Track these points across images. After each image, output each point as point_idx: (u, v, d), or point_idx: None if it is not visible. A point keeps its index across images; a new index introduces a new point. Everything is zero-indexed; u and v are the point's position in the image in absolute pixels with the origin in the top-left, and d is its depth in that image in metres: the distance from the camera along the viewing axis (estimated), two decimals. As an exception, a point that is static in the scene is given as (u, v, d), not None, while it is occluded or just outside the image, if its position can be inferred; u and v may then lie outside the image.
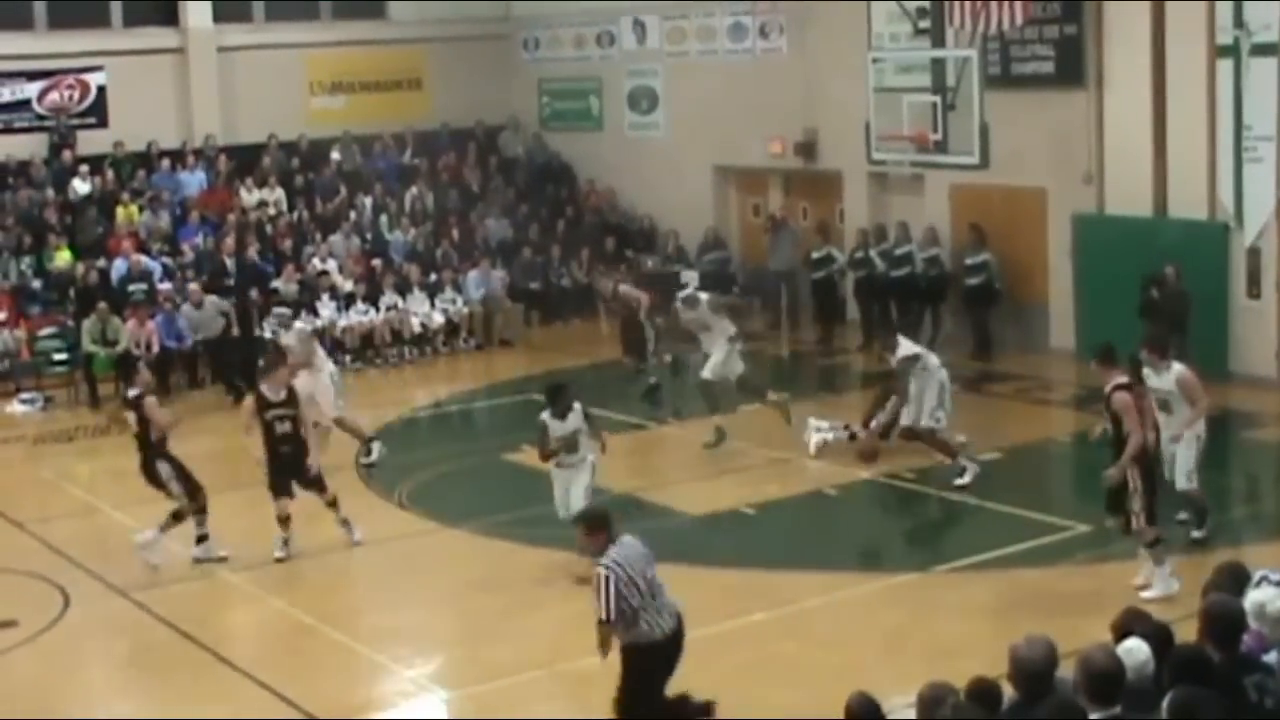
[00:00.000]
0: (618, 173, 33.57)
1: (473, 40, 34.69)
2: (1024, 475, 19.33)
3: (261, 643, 14.77)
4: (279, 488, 16.96)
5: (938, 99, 25.31)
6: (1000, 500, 17.65)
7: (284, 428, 16.94)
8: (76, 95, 31.59)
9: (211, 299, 26.26)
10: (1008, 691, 8.18)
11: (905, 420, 18.88)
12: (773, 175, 31.03)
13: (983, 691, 8.23)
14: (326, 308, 27.83)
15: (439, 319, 28.60)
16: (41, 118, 31.27)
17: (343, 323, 27.80)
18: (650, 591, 11.24)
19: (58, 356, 26.55)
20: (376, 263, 29.63)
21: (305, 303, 27.70)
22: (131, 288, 27.32)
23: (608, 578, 11.02)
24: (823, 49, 28.60)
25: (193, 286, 26.50)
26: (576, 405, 16.10)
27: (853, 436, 20.02)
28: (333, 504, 17.23)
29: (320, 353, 21.62)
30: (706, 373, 20.95)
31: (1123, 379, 14.70)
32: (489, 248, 31.15)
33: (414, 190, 32.27)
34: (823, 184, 29.74)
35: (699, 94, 31.28)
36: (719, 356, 20.83)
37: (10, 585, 16.64)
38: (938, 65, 25.82)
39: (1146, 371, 15.73)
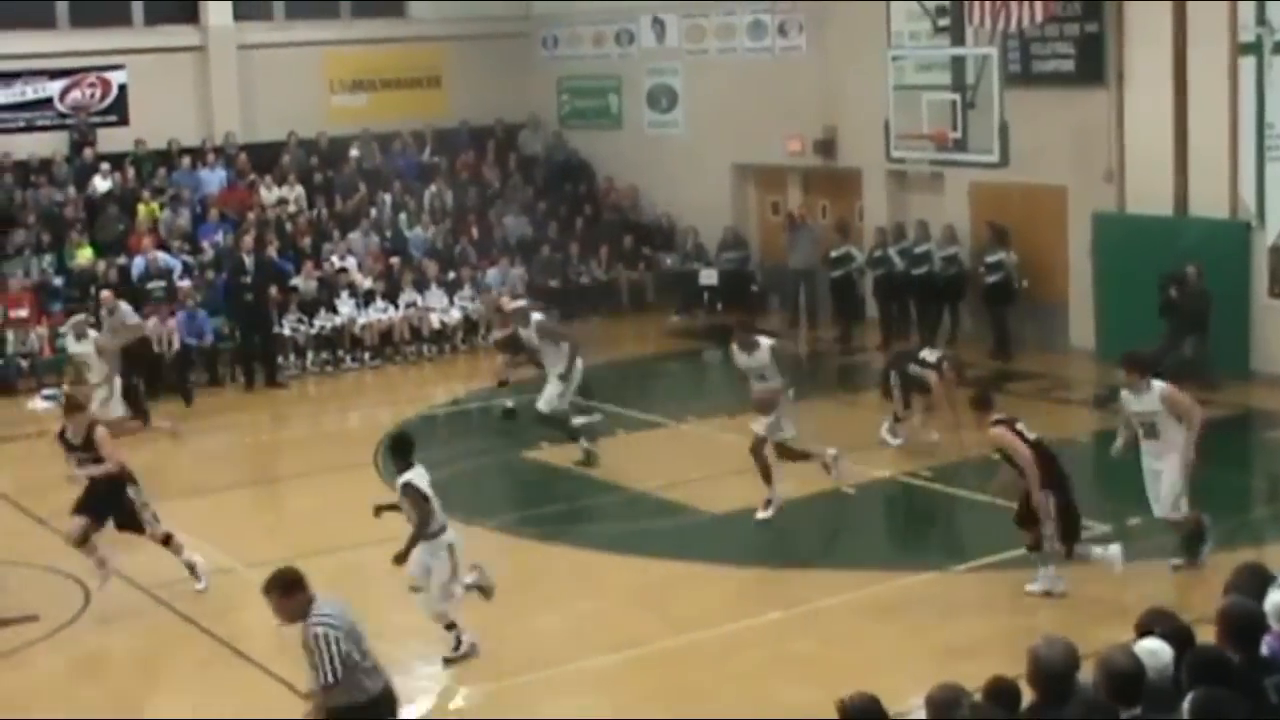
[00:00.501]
0: (637, 171, 33.55)
1: (492, 38, 34.70)
2: (1043, 475, 19.22)
3: (279, 638, 14.74)
4: (80, 507, 16.06)
5: (957, 97, 25.25)
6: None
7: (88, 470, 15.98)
8: (98, 93, 31.67)
9: (124, 306, 24.88)
10: (1026, 695, 8.16)
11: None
12: (792, 173, 31.02)
13: (1001, 691, 8.20)
14: (346, 305, 27.89)
15: (458, 316, 28.63)
16: (63, 116, 31.34)
17: (362, 320, 27.83)
18: (360, 649, 10.11)
19: (79, 354, 26.63)
20: (395, 260, 29.66)
21: (324, 300, 27.79)
22: (151, 285, 27.41)
23: (326, 635, 9.85)
24: (842, 47, 28.59)
25: (105, 293, 25.47)
26: (419, 466, 13.97)
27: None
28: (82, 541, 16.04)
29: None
30: (541, 405, 20.29)
31: (999, 416, 14.73)
32: (508, 245, 31.17)
33: (433, 188, 32.29)
34: (842, 182, 29.71)
35: (718, 92, 31.27)
36: (552, 389, 20.21)
37: (32, 580, 16.69)
38: (957, 63, 25.77)
39: (1125, 395, 14.92)
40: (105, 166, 30.36)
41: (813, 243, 29.30)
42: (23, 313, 26.80)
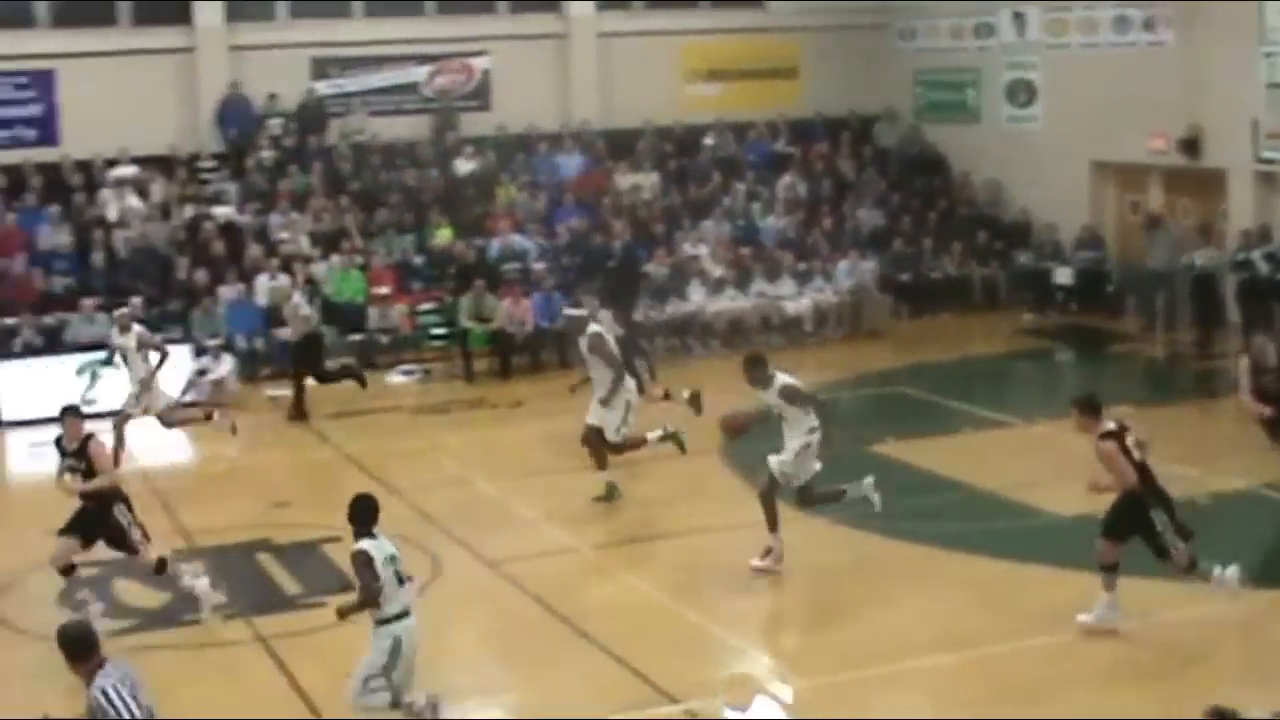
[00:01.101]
0: (993, 165, 33.09)
1: (849, 29, 34.66)
2: None
3: (620, 619, 14.94)
4: (69, 528, 15.15)
5: (1334, 96, 24.34)
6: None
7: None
8: (462, 79, 32.52)
9: (297, 297, 24.65)
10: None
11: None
12: (1153, 172, 30.21)
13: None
14: (696, 292, 28.12)
15: (808, 307, 28.62)
16: (428, 100, 32.27)
17: (712, 308, 28.02)
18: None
19: (436, 331, 27.42)
20: (746, 249, 29.75)
21: (675, 287, 28.04)
22: (506, 267, 28.03)
23: (105, 691, 9.12)
24: (1210, 43, 27.74)
25: (284, 281, 25.86)
26: (381, 538, 12.00)
27: None
28: (160, 568, 15.27)
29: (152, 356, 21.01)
30: (593, 419, 18.68)
31: (1109, 426, 13.93)
32: (860, 238, 31.03)
33: (786, 178, 32.31)
34: (1205, 182, 28.81)
35: (1079, 87, 30.63)
36: (613, 418, 18.61)
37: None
38: (1334, 60, 24.83)
39: None
40: (468, 150, 31.15)
41: (1172, 244, 28.49)
42: (385, 290, 27.66)
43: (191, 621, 15.19)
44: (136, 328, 21.31)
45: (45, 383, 22.56)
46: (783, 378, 16.12)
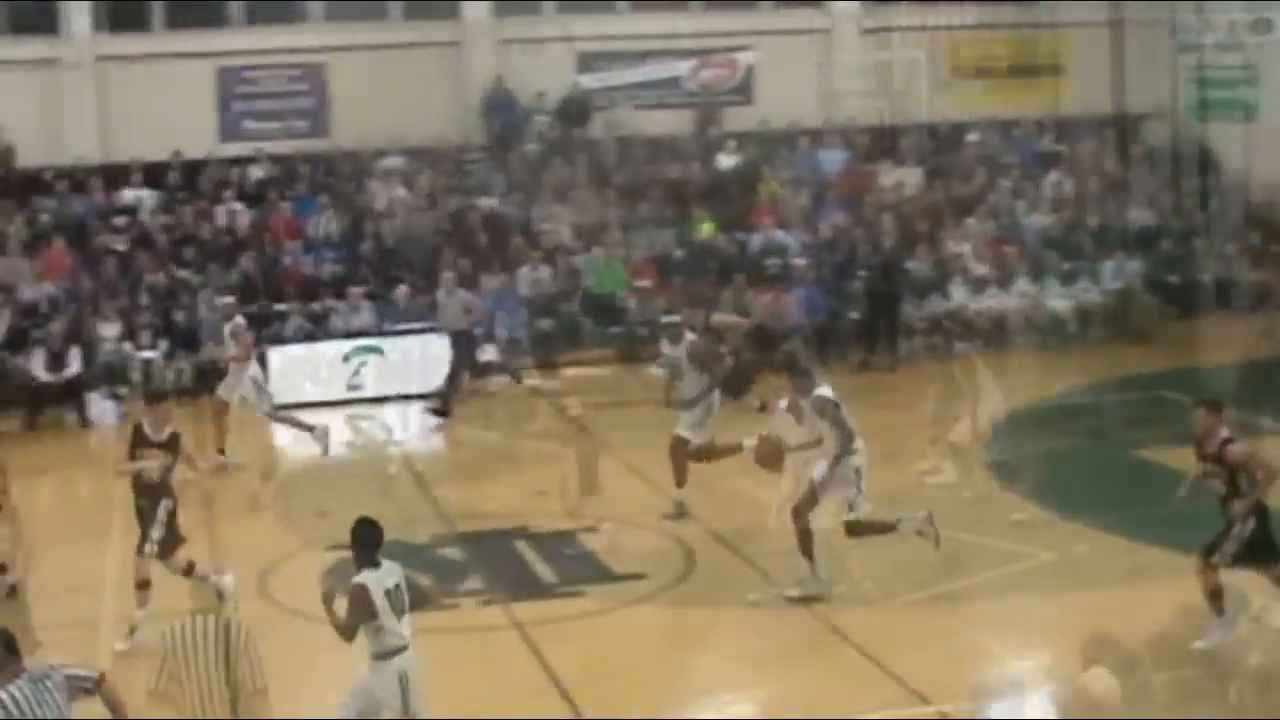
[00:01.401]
0: (1269, 164, 32.13)
1: (1118, 26, 33.92)
2: None
3: (874, 618, 14.83)
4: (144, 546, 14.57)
5: None
6: None
7: (151, 475, 14.52)
8: (726, 74, 32.54)
9: (461, 293, 25.04)
10: None
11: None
12: None
13: None
14: (959, 290, 27.81)
15: (1072, 307, 28.12)
16: (691, 95, 32.35)
17: (974, 306, 27.69)
18: None
19: (695, 324, 27.48)
20: (1009, 248, 29.32)
21: (937, 284, 27.76)
22: (767, 262, 28.00)
23: (15, 701, 9.00)
24: None
25: (447, 274, 25.55)
26: (386, 565, 10.98)
27: None
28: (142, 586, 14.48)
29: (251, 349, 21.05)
30: (683, 429, 18.38)
31: (1227, 432, 13.62)
32: (1127, 238, 30.37)
33: (1052, 176, 31.78)
34: None
35: (1362, 83, 29.66)
36: (691, 417, 18.33)
37: (642, 541, 17.30)
38: None
39: None
40: (731, 144, 31.19)
41: None
42: (645, 282, 27.79)
43: (451, 605, 15.42)
44: (238, 318, 21.58)
45: (313, 368, 23.12)
46: (823, 390, 15.45)
